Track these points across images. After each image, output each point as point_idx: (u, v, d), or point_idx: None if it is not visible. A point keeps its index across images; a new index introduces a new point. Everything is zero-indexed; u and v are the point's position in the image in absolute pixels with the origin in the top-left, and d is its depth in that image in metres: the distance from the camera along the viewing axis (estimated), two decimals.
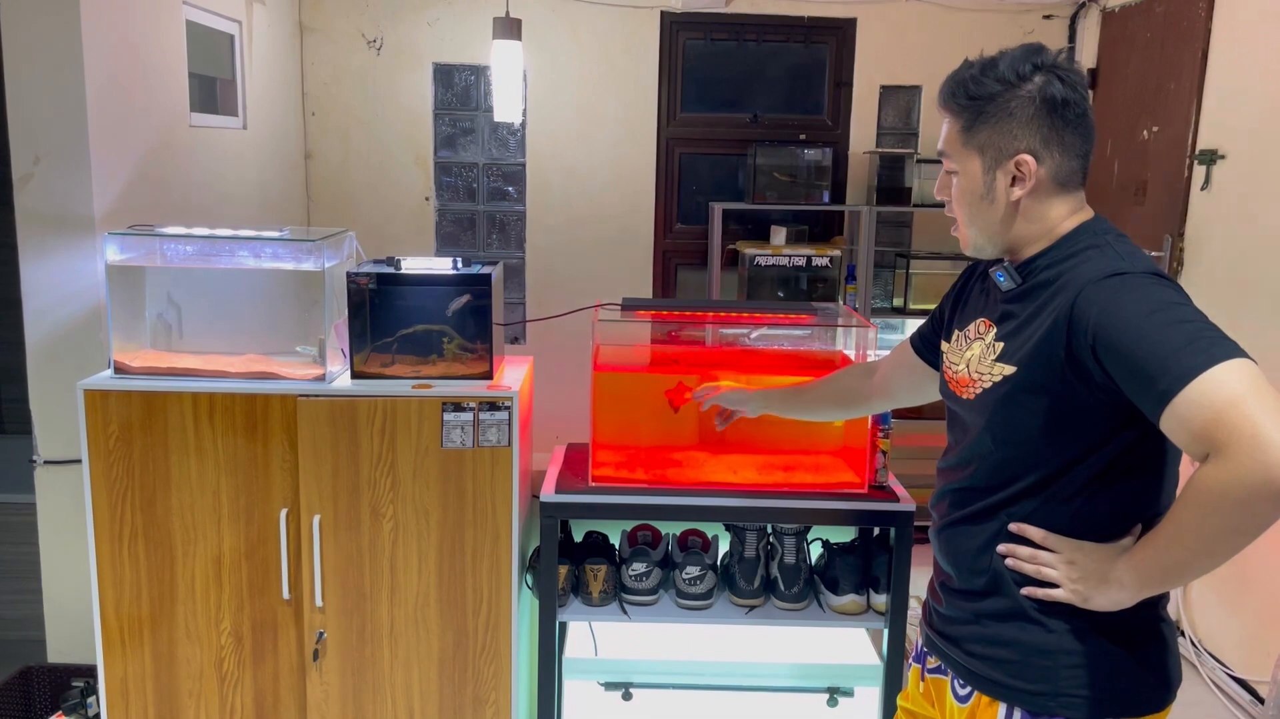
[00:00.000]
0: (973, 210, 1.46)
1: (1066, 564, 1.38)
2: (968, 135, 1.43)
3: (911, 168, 4.45)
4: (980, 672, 1.47)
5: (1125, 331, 1.25)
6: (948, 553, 1.53)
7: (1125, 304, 1.28)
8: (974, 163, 1.43)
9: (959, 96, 1.43)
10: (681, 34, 4.65)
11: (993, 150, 1.41)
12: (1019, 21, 4.58)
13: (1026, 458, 1.41)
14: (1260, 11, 3.28)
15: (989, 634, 1.46)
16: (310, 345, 2.30)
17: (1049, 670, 1.40)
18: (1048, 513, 1.40)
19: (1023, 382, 1.38)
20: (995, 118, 1.40)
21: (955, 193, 1.48)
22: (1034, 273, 1.43)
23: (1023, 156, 1.40)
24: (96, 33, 2.63)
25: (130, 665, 2.31)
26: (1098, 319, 1.28)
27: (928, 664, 1.61)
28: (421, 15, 4.52)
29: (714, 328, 2.58)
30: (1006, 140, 1.40)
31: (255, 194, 3.91)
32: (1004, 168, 1.41)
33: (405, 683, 2.33)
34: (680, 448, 2.46)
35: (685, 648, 2.43)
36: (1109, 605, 1.35)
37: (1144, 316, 1.25)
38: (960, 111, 1.43)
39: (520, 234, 4.77)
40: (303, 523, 2.25)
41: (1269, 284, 3.17)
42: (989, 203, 1.44)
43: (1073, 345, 1.31)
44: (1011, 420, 1.41)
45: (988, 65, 1.41)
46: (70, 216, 2.63)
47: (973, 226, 1.48)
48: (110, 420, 2.21)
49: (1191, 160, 3.56)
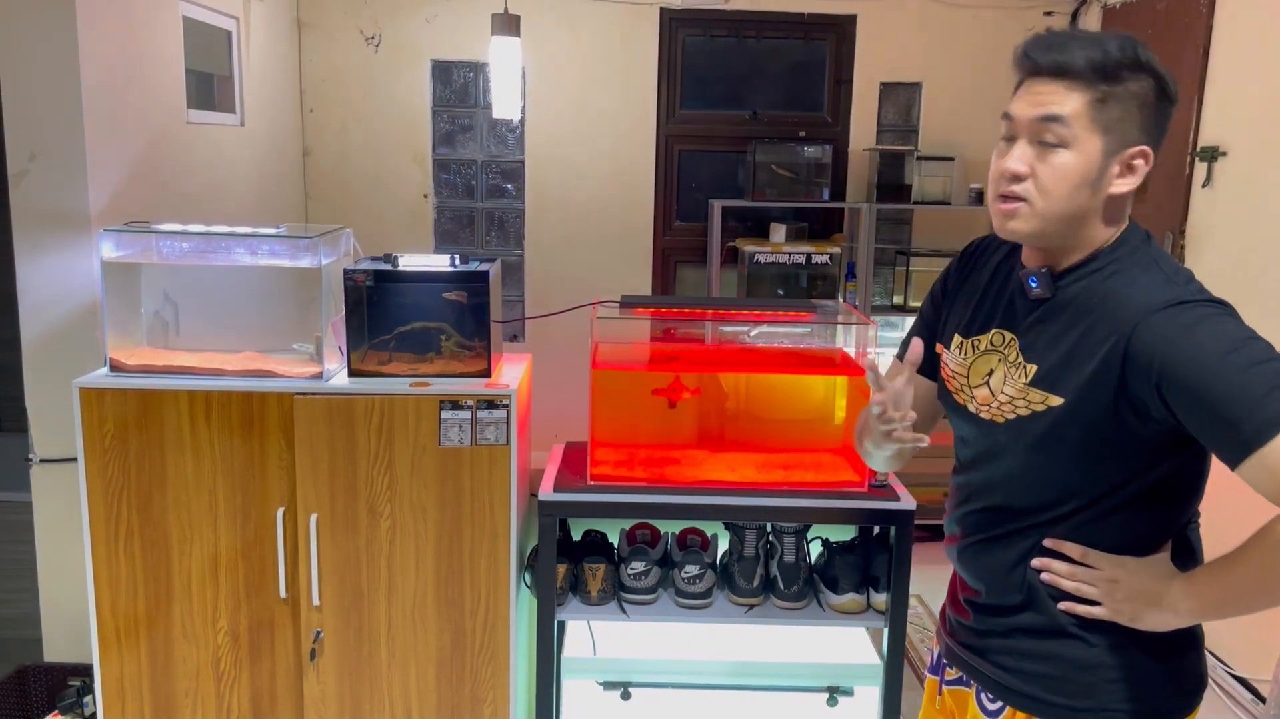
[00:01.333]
0: (1071, 193, 1.28)
1: (1109, 582, 1.34)
2: (1098, 110, 1.26)
3: (911, 165, 4.44)
4: (1014, 686, 1.42)
5: (1200, 373, 1.18)
6: (976, 570, 1.48)
7: (1196, 342, 1.20)
8: (1095, 142, 1.27)
9: (1095, 64, 1.26)
10: (681, 31, 4.64)
11: (1117, 135, 1.27)
12: (1020, 18, 4.57)
13: (1067, 485, 1.35)
14: (1261, 8, 3.27)
15: (1024, 649, 1.42)
16: (307, 344, 2.29)
17: (1091, 686, 1.37)
18: (1085, 531, 1.36)
19: (1071, 414, 1.30)
20: (1125, 101, 1.27)
21: (1055, 170, 1.28)
22: (1069, 285, 1.34)
23: (1146, 149, 1.29)
24: (92, 29, 2.62)
25: (127, 665, 2.30)
26: (1165, 356, 1.21)
27: (946, 675, 1.57)
28: (419, 12, 4.51)
29: (713, 325, 2.57)
30: (1131, 129, 1.28)
31: (252, 191, 3.90)
32: (1121, 156, 1.28)
33: (403, 682, 2.32)
34: (679, 446, 2.45)
35: (684, 647, 2.42)
36: (1157, 627, 1.32)
37: (1220, 358, 1.18)
38: (1093, 82, 1.26)
39: (519, 231, 4.76)
40: (300, 521, 2.24)
41: (1270, 280, 3.15)
42: (1091, 190, 1.29)
43: (1130, 381, 1.24)
44: (1055, 450, 1.33)
45: (1110, 40, 1.27)
46: (66, 214, 2.62)
47: (1053, 210, 1.29)
48: (106, 418, 2.19)
49: (1193, 157, 3.55)
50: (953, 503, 1.53)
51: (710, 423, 2.47)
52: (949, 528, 1.54)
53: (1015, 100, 1.33)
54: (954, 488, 1.53)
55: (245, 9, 3.82)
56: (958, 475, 1.53)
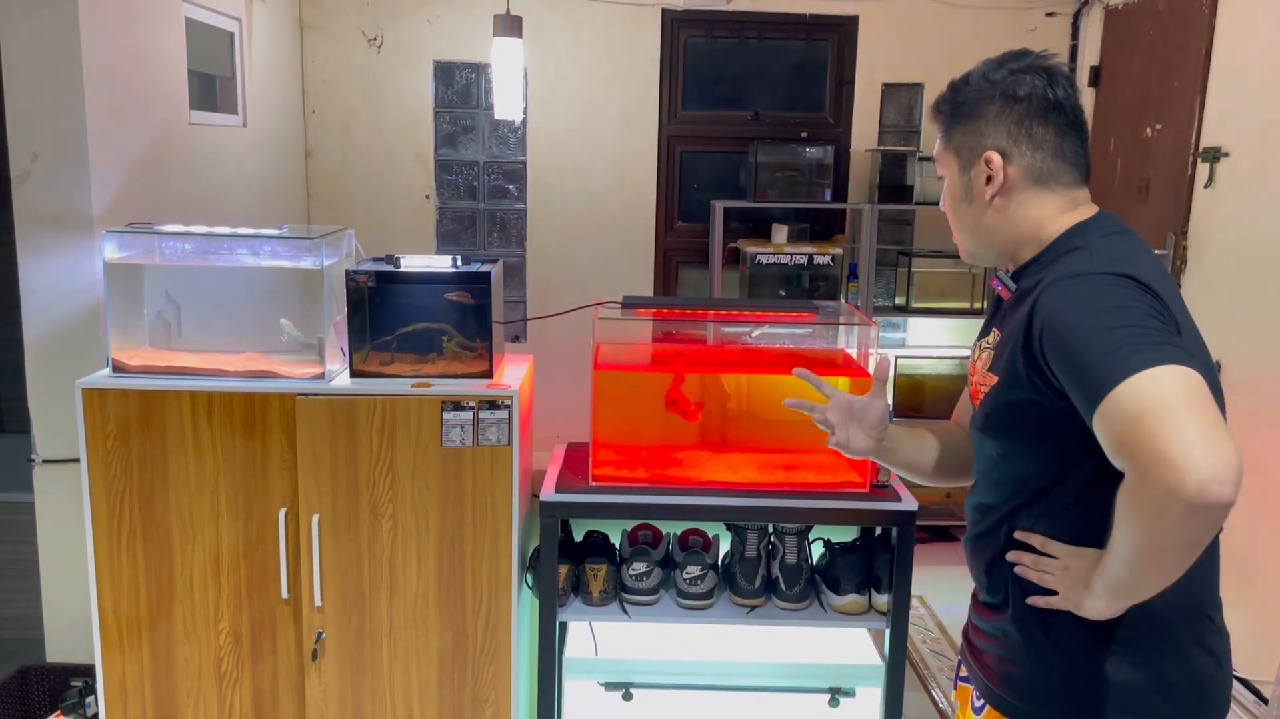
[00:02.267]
0: (957, 214, 1.48)
1: (1063, 570, 1.34)
2: (946, 139, 1.45)
3: (913, 165, 4.44)
4: (992, 686, 1.45)
5: (1066, 334, 1.23)
6: (971, 565, 1.52)
7: (1072, 306, 1.25)
8: (952, 166, 1.45)
9: (940, 104, 1.46)
10: (683, 31, 4.64)
11: (966, 151, 1.43)
12: (1021, 19, 4.57)
13: (1022, 469, 1.39)
14: (1264, 8, 3.27)
15: (1001, 650, 1.44)
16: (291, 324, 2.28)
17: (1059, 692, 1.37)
18: (1049, 522, 1.37)
19: (1003, 390, 1.36)
20: (966, 119, 1.42)
21: (943, 199, 1.50)
22: (1025, 279, 1.41)
23: (989, 154, 1.40)
24: (95, 30, 2.62)
25: (129, 665, 2.30)
26: (1044, 321, 1.26)
27: (960, 672, 1.59)
28: (422, 13, 4.51)
29: (715, 326, 2.57)
30: (975, 139, 1.41)
31: (255, 192, 3.90)
32: (976, 167, 1.42)
33: (404, 683, 2.32)
34: (681, 447, 2.45)
35: (686, 648, 2.42)
36: (1096, 614, 1.30)
37: (1086, 319, 1.22)
38: (940, 118, 1.46)
39: (521, 232, 4.76)
40: (301, 522, 2.24)
41: (1272, 282, 3.15)
42: (968, 204, 1.45)
43: (1031, 349, 1.29)
44: (1001, 430, 1.39)
45: (969, 72, 1.44)
46: (68, 214, 2.62)
47: (960, 231, 1.49)
48: (109, 419, 2.20)
49: (1195, 158, 3.55)
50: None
51: (712, 424, 2.47)
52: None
53: None
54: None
55: (247, 10, 3.82)
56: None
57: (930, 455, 1.66)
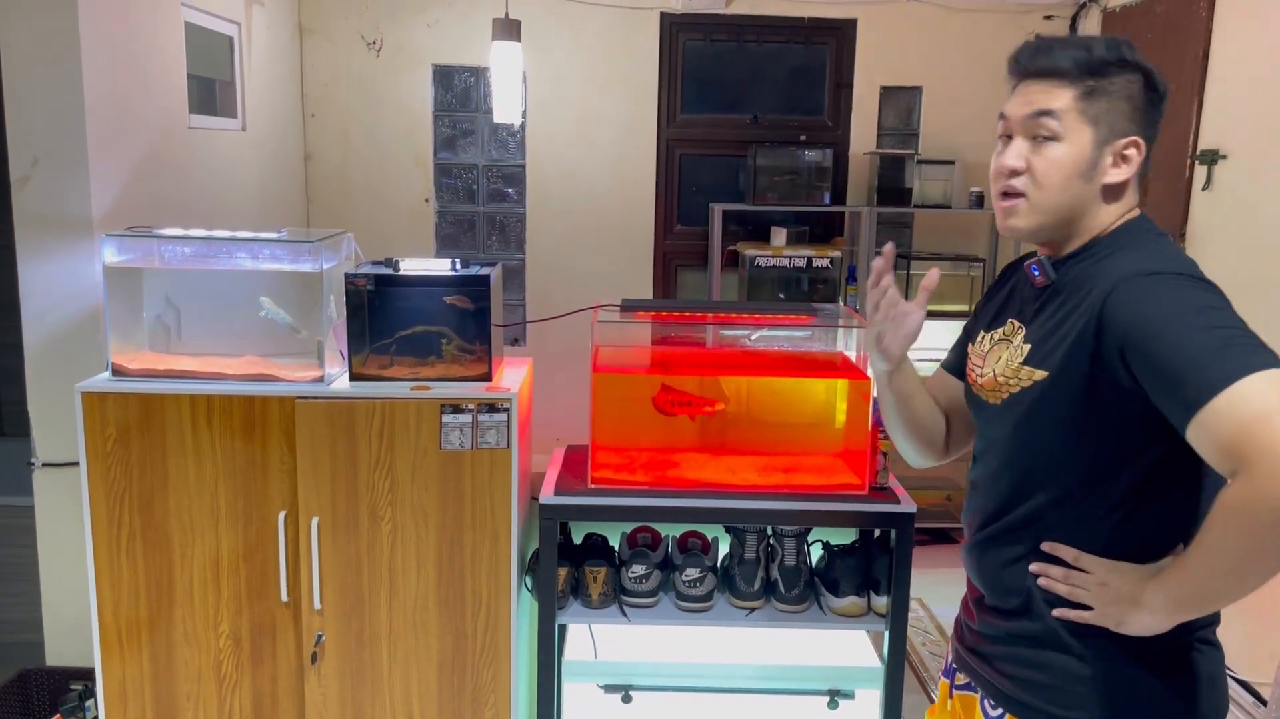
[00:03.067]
0: (1065, 184, 1.35)
1: (1100, 586, 1.32)
2: (1085, 104, 1.34)
3: (912, 168, 4.44)
4: (1012, 693, 1.42)
5: (1155, 335, 1.20)
6: (978, 570, 1.48)
7: (1157, 305, 1.22)
8: (1086, 133, 1.34)
9: (1078, 62, 1.33)
10: (681, 35, 4.64)
11: (1106, 127, 1.34)
12: (1019, 22, 4.58)
13: (1052, 469, 1.35)
14: (1260, 12, 3.28)
15: (1022, 655, 1.41)
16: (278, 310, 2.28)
17: (1083, 697, 1.35)
18: (1082, 531, 1.35)
19: (1053, 388, 1.32)
20: (1113, 95, 1.34)
21: (1049, 161, 1.35)
22: (1069, 270, 1.38)
23: (1137, 139, 1.35)
24: (94, 34, 2.63)
25: (128, 668, 2.30)
26: (1127, 320, 1.23)
27: (956, 680, 1.57)
28: (421, 17, 4.52)
29: (714, 329, 2.57)
30: (1120, 120, 1.34)
31: (254, 196, 3.91)
32: (1112, 146, 1.35)
33: (404, 685, 2.32)
34: (680, 449, 2.45)
35: (685, 650, 2.42)
36: (1142, 630, 1.29)
37: (1175, 319, 1.19)
38: (1078, 78, 1.33)
39: (520, 236, 4.77)
40: (301, 525, 2.24)
41: (1270, 284, 3.16)
42: (1085, 180, 1.35)
43: (1101, 348, 1.26)
44: (1038, 429, 1.35)
45: (1094, 41, 1.35)
46: (68, 218, 2.63)
47: (1046, 201, 1.36)
48: (108, 423, 2.20)
49: (1193, 160, 3.56)
50: (965, 499, 1.56)
51: (711, 426, 2.47)
52: (963, 527, 1.56)
53: (1008, 103, 1.41)
54: (967, 485, 1.56)
55: (247, 14, 3.83)
56: (971, 471, 1.55)
57: (929, 413, 1.64)
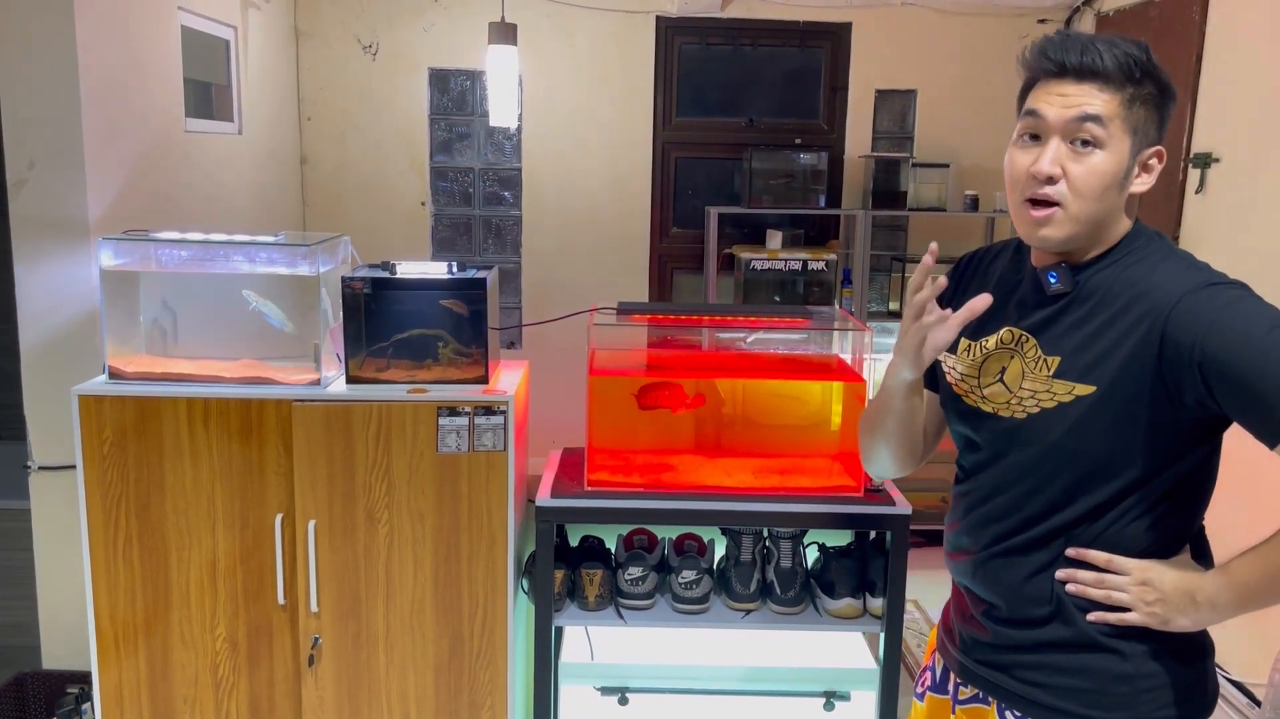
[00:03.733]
0: (1103, 194, 1.29)
1: (1140, 586, 1.30)
2: (1128, 111, 1.28)
3: (907, 171, 4.46)
4: (1045, 701, 1.38)
5: (1241, 352, 1.18)
6: (992, 582, 1.42)
7: (1234, 321, 1.20)
8: (1125, 143, 1.28)
9: (1126, 67, 1.27)
10: (677, 38, 4.66)
11: (1141, 135, 1.29)
12: (1013, 26, 4.59)
13: (1091, 481, 1.32)
14: (1253, 15, 3.29)
15: (1054, 663, 1.37)
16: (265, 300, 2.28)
17: (1128, 697, 1.34)
18: (1119, 535, 1.33)
19: (1104, 402, 1.28)
20: (1149, 103, 1.29)
21: (1089, 170, 1.28)
22: (1092, 277, 1.33)
23: (1161, 149, 1.32)
24: (91, 38, 2.63)
25: (125, 672, 2.30)
26: (1205, 336, 1.20)
27: (960, 695, 1.51)
28: (417, 20, 4.52)
29: (710, 332, 2.58)
30: (1151, 129, 1.30)
31: (250, 199, 3.91)
32: (1141, 157, 1.31)
33: (401, 688, 2.32)
34: (676, 452, 2.46)
35: (681, 652, 2.43)
36: (1192, 626, 1.29)
37: (1261, 336, 1.18)
38: (1124, 84, 1.27)
39: (516, 239, 4.77)
40: (298, 528, 2.24)
41: (1263, 287, 3.16)
42: (1118, 190, 1.30)
43: (1167, 363, 1.23)
44: (1083, 442, 1.31)
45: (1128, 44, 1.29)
46: (65, 222, 2.63)
47: (1086, 211, 1.29)
48: (105, 426, 2.20)
49: (1186, 164, 3.57)
50: (958, 515, 1.48)
51: (707, 428, 2.48)
52: (955, 542, 1.48)
53: (1039, 99, 1.31)
54: (959, 499, 1.49)
55: (243, 18, 3.83)
56: (964, 484, 1.48)
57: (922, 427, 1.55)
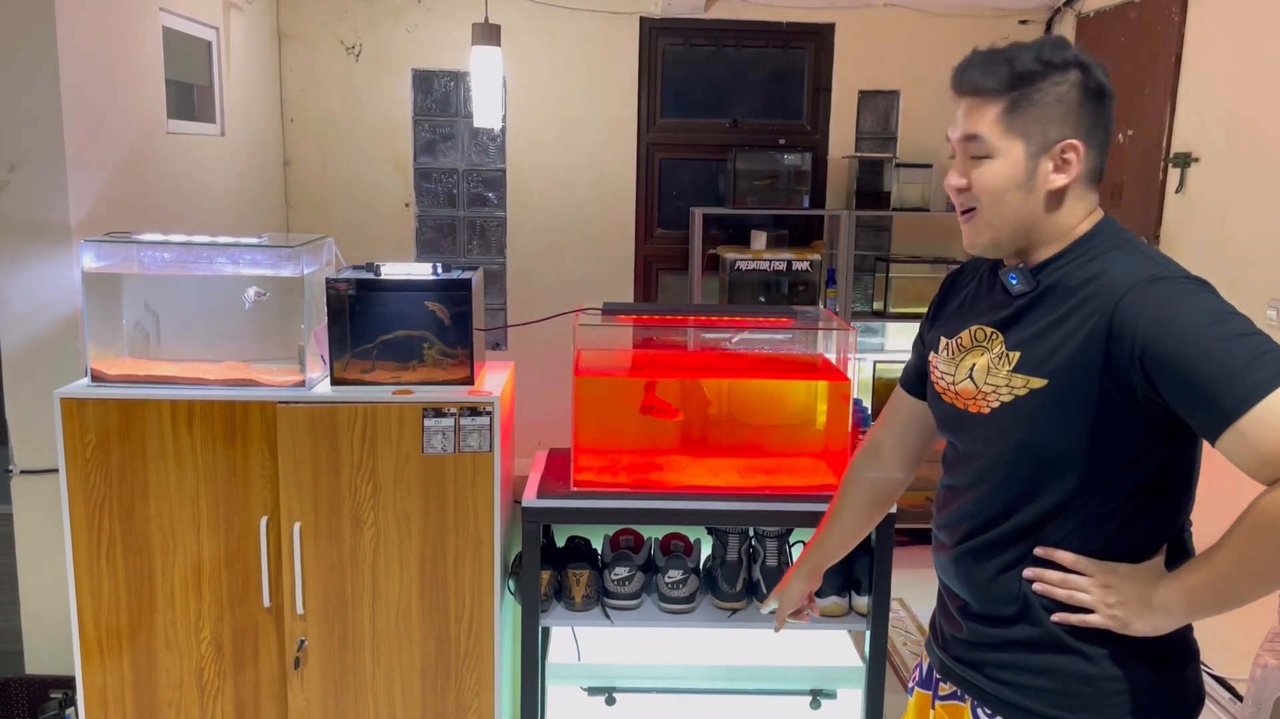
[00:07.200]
0: (1006, 199, 1.35)
1: (1102, 588, 1.31)
2: (1011, 119, 1.33)
3: (890, 172, 4.47)
4: (1012, 700, 1.39)
5: (1181, 345, 1.19)
6: (964, 579, 1.44)
7: (1178, 313, 1.21)
8: (1017, 148, 1.34)
9: (1000, 78, 1.33)
10: (661, 40, 4.66)
11: (1039, 136, 1.33)
12: (995, 26, 4.62)
13: (1053, 477, 1.33)
14: (1232, 16, 3.32)
15: (1021, 662, 1.39)
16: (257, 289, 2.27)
17: (1093, 699, 1.34)
18: (1081, 536, 1.33)
19: (1055, 395, 1.30)
20: (1041, 103, 1.33)
21: (985, 180, 1.36)
22: (1050, 275, 1.36)
23: (1073, 142, 1.33)
24: (72, 39, 2.62)
25: (109, 676, 2.29)
26: (1147, 329, 1.22)
27: (940, 691, 1.53)
28: (400, 21, 4.51)
29: (695, 332, 2.58)
30: (1053, 126, 1.33)
31: (234, 201, 3.90)
32: (1049, 154, 1.34)
33: (387, 690, 2.32)
34: (662, 452, 2.46)
35: (668, 652, 2.43)
36: (1151, 631, 1.29)
37: (1201, 329, 1.19)
38: (1001, 93, 1.33)
39: (501, 240, 4.77)
40: (283, 530, 2.24)
41: (1243, 286, 3.20)
42: (1026, 192, 1.35)
43: (1113, 355, 1.25)
44: (1039, 436, 1.33)
45: (1023, 50, 1.34)
46: (46, 224, 2.61)
47: (996, 218, 1.37)
48: (88, 429, 2.19)
49: (1166, 163, 3.60)
50: (939, 508, 1.51)
51: (692, 428, 2.49)
52: (935, 538, 1.51)
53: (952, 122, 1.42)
54: (941, 493, 1.52)
55: (225, 19, 3.82)
56: (944, 479, 1.51)
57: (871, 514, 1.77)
